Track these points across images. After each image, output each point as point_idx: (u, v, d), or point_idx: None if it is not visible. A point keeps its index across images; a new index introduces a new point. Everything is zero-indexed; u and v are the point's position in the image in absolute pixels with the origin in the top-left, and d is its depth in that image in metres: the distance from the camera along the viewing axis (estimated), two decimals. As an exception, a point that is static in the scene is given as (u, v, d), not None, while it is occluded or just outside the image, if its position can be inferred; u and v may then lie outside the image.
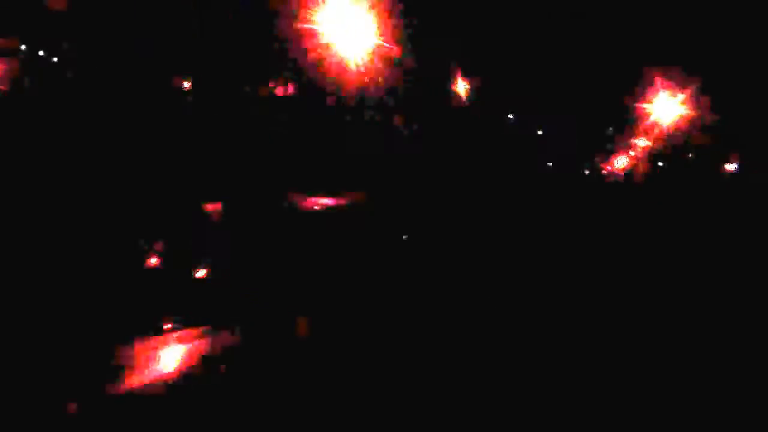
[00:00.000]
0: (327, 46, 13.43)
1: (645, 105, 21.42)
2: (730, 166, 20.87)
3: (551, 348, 6.60)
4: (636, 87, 21.17)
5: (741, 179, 19.55)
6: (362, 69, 14.27)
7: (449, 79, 20.03)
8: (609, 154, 41.90)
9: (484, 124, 22.32)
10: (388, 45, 13.86)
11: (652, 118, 22.05)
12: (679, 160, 23.26)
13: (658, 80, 19.75)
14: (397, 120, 17.86)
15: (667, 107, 20.00)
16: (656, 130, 22.95)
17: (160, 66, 13.43)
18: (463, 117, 20.75)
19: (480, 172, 18.97)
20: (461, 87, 20.37)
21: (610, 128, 35.72)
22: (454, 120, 20.80)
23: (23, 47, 12.13)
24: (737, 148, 20.13)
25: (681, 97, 19.59)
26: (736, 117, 20.32)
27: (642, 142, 29.94)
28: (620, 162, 38.73)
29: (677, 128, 21.34)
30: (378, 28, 13.61)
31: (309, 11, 12.74)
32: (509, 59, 21.35)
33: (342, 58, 13.79)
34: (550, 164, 30.88)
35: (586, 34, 21.92)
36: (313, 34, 13.15)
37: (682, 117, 20.47)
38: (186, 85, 13.87)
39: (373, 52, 14.06)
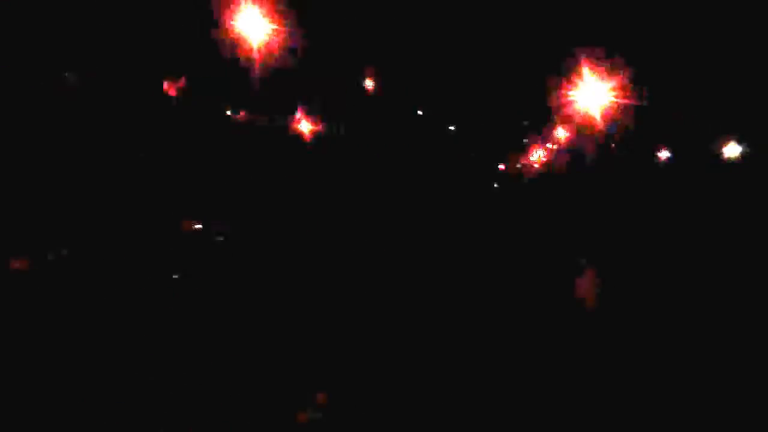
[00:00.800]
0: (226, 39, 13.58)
1: (567, 94, 20.26)
2: (663, 155, 18.88)
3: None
4: (556, 75, 20.25)
5: (676, 169, 17.71)
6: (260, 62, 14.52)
7: (356, 75, 20.27)
8: (526, 147, 40.50)
9: (394, 120, 22.30)
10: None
11: (575, 107, 20.50)
12: (605, 150, 21.10)
13: (581, 67, 18.57)
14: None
15: (592, 95, 18.68)
16: (580, 120, 21.32)
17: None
18: (373, 113, 20.87)
19: (390, 169, 18.91)
20: (368, 82, 20.57)
21: (526, 122, 34.55)
22: (362, 117, 20.99)
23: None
24: (670, 136, 18.19)
25: (608, 84, 18.31)
26: (667, 104, 18.79)
27: (564, 133, 27.67)
28: (538, 155, 37.25)
29: (603, 117, 19.75)
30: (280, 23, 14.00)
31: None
32: (416, 54, 21.50)
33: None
34: (464, 160, 29.71)
35: (497, 23, 21.72)
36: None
37: (609, 105, 18.97)
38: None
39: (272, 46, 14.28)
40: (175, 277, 7.89)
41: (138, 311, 6.69)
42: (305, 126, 17.69)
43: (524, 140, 40.62)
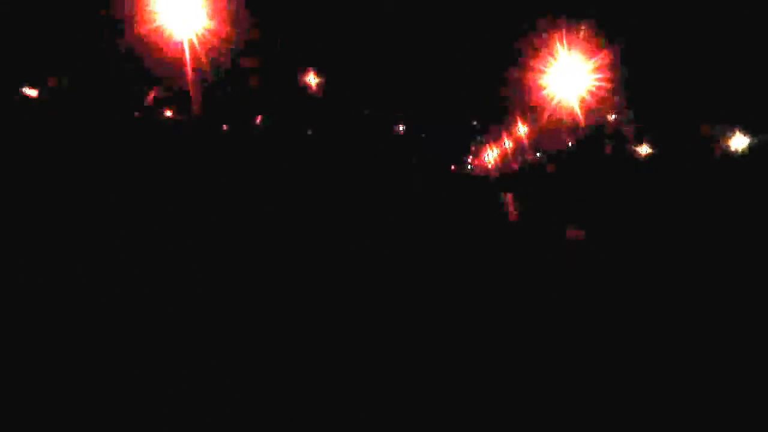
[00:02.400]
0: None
1: (527, 92, 20.09)
2: (642, 150, 17.56)
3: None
4: (514, 75, 19.87)
5: (658, 164, 16.49)
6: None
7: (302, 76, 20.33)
8: (479, 146, 39.57)
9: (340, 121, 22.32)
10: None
11: (541, 104, 19.97)
12: (574, 146, 19.91)
13: (542, 63, 18.12)
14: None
15: (560, 91, 18.10)
16: (545, 117, 20.49)
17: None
18: (318, 114, 21.01)
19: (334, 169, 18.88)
20: (315, 84, 20.45)
21: (475, 122, 33.44)
22: (306, 117, 21.16)
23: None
24: (649, 130, 16.98)
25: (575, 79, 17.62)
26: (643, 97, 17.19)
27: (524, 130, 26.60)
28: (493, 154, 36.31)
29: (571, 112, 18.52)
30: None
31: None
32: (364, 54, 21.37)
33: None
34: (416, 160, 30.12)
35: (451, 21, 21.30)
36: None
37: (580, 99, 17.99)
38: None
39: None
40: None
41: (138, 311, 6.69)
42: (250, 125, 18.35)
43: (478, 138, 39.87)
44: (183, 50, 14.22)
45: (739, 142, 14.66)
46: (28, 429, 4.37)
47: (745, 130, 14.85)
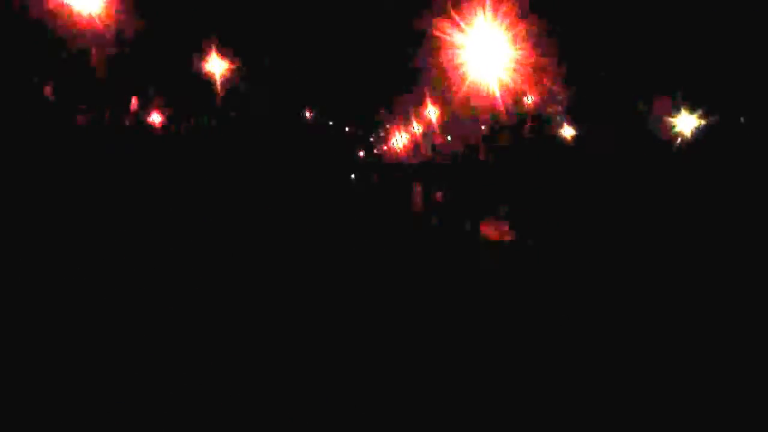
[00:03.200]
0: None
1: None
2: (567, 132, 15.93)
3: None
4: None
5: (585, 147, 14.98)
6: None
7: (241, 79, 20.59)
8: (388, 132, 38.45)
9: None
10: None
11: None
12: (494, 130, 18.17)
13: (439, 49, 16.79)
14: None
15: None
16: (457, 97, 18.50)
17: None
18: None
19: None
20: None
21: (383, 106, 33.35)
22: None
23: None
24: (577, 109, 15.39)
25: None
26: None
27: (435, 112, 24.77)
28: (402, 140, 34.92)
29: (486, 91, 16.74)
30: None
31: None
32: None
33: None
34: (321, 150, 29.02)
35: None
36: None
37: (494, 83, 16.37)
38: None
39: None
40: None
41: (137, 311, 6.66)
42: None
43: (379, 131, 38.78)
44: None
45: (682, 124, 13.24)
46: (28, 429, 4.35)
47: (688, 110, 13.53)
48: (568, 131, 15.81)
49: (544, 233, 11.08)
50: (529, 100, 18.44)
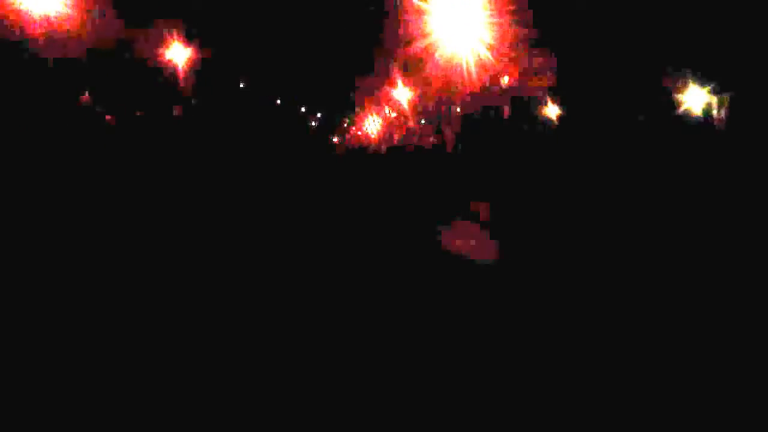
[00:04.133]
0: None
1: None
2: (551, 112, 14.08)
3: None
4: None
5: (568, 129, 13.21)
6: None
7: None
8: (361, 114, 37.51)
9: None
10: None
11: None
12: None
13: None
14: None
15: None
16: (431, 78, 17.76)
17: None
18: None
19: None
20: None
21: (354, 87, 31.52)
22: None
23: None
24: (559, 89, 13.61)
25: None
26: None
27: (407, 94, 23.03)
28: (375, 124, 33.69)
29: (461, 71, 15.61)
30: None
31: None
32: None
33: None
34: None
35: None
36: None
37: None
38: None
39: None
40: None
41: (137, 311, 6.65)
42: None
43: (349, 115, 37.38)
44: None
45: (672, 103, 11.61)
46: (28, 429, 4.44)
47: (676, 88, 11.98)
48: (552, 111, 13.99)
49: (532, 246, 8.74)
50: (505, 80, 17.04)
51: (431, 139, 19.56)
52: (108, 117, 19.56)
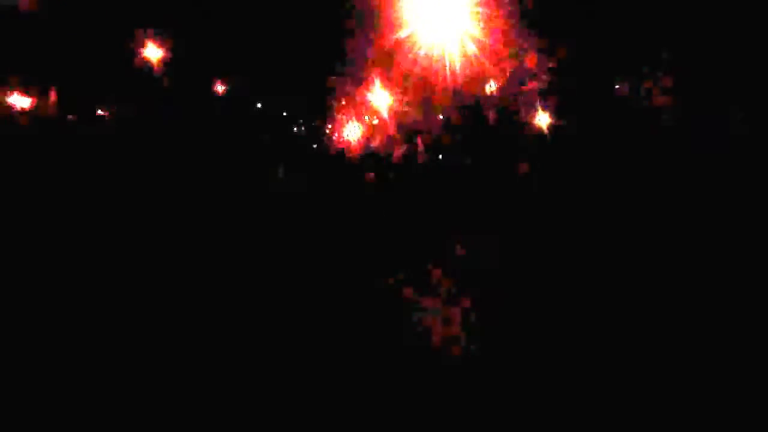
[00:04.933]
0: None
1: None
2: (542, 121, 12.81)
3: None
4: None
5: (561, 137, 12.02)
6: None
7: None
8: (340, 118, 36.85)
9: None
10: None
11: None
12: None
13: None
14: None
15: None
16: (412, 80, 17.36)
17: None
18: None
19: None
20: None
21: (331, 90, 30.94)
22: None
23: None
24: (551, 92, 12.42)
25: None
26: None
27: (387, 98, 22.00)
28: (355, 129, 32.88)
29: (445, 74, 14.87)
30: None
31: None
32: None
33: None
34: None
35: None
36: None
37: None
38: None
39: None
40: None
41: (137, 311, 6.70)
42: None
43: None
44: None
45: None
46: (28, 429, 4.37)
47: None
48: (543, 119, 12.73)
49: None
50: (492, 86, 15.93)
51: (402, 148, 18.31)
52: (71, 116, 19.08)
